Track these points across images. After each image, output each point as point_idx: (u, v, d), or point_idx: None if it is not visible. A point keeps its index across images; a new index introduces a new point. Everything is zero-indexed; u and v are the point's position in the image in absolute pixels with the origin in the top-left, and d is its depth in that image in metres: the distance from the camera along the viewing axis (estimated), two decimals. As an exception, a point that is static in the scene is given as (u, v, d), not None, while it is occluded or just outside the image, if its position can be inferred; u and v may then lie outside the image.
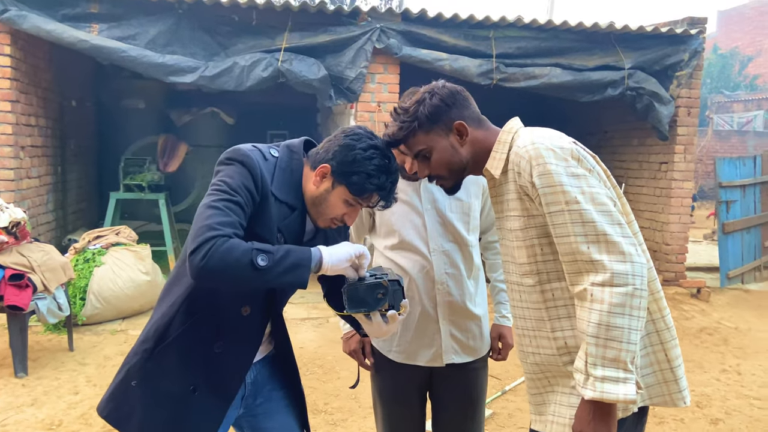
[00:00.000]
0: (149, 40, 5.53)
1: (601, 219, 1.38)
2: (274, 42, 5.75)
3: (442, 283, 2.12)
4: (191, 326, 1.59)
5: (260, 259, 1.40)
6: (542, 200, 1.44)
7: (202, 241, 1.38)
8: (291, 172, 1.61)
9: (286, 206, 1.59)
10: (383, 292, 1.56)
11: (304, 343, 4.98)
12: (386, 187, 1.58)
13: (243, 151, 1.54)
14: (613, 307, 1.33)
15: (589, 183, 1.42)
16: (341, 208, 1.59)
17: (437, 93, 1.61)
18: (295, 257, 1.46)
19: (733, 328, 5.71)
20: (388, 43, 5.90)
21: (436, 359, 2.16)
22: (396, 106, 1.67)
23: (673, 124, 6.67)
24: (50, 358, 4.47)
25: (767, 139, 17.99)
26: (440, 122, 1.60)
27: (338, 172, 1.56)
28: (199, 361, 1.60)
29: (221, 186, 1.49)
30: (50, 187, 6.48)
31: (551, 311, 1.53)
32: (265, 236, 1.53)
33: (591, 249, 1.37)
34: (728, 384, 4.40)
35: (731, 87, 21.30)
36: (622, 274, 1.34)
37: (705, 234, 11.14)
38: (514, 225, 1.56)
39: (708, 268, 8.00)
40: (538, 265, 1.53)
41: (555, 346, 1.54)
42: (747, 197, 7.47)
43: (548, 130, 1.55)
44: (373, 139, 1.59)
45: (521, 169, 1.48)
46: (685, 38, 6.47)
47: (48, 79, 6.39)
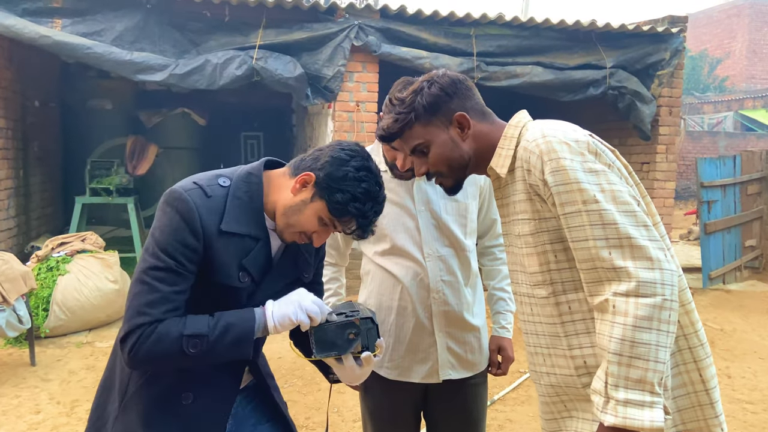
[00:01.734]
0: (116, 37, 5.27)
1: (624, 220, 1.22)
2: (248, 39, 5.53)
3: (438, 291, 1.94)
4: (150, 378, 1.41)
5: (191, 348, 1.31)
6: (556, 200, 1.28)
7: (129, 330, 1.31)
8: (249, 198, 1.43)
9: (248, 239, 1.41)
10: (355, 332, 1.40)
11: (282, 353, 4.76)
12: (368, 215, 1.41)
13: (177, 195, 1.36)
14: (639, 320, 1.17)
15: (609, 179, 1.26)
16: (313, 224, 1.42)
17: (437, 81, 1.45)
18: (235, 334, 1.34)
19: (718, 330, 5.65)
20: (367, 40, 5.72)
21: (431, 375, 1.97)
22: (391, 96, 1.51)
23: (654, 123, 6.62)
24: (10, 374, 4.19)
25: (737, 139, 18.27)
26: (439, 113, 1.44)
27: (322, 184, 1.39)
28: (168, 417, 1.41)
29: (151, 248, 1.35)
30: (11, 191, 6.15)
31: (567, 326, 1.36)
32: (225, 281, 1.38)
33: (613, 254, 1.21)
34: (719, 388, 4.31)
35: (701, 89, 21.62)
36: (649, 282, 1.18)
37: (681, 234, 11.19)
38: (523, 229, 1.40)
39: (688, 268, 7.98)
40: (552, 275, 1.36)
41: (573, 366, 1.36)
42: (727, 197, 7.46)
43: (560, 122, 1.39)
44: (369, 162, 1.42)
45: (531, 166, 1.33)
46: (666, 37, 6.42)
47: (8, 78, 6.07)
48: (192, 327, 1.32)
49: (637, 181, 1.38)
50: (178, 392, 1.42)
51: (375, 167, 1.43)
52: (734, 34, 24.20)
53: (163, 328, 1.30)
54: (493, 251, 2.16)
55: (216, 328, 1.33)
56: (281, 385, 4.14)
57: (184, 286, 1.35)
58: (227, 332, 1.34)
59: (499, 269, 2.15)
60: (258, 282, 1.45)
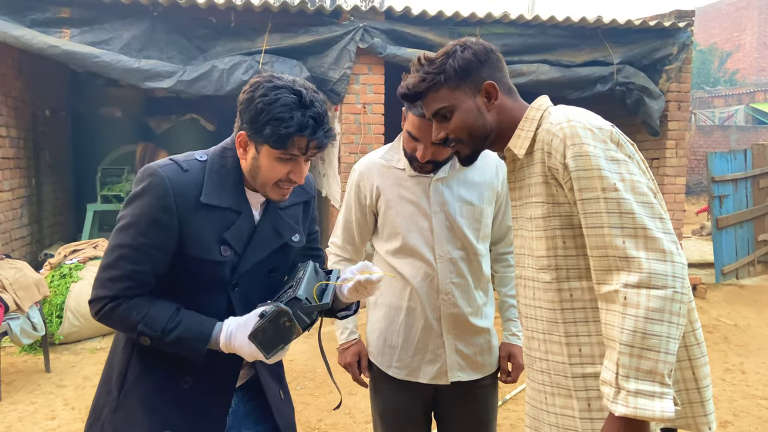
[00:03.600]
0: (123, 45, 5.30)
1: (642, 211, 1.23)
2: (254, 44, 5.55)
3: (448, 293, 1.93)
4: (152, 363, 1.42)
5: (141, 340, 1.37)
6: (575, 185, 1.28)
7: (93, 297, 1.39)
8: (227, 171, 1.42)
9: (229, 211, 1.41)
10: (288, 318, 1.36)
11: (295, 356, 4.78)
12: (307, 124, 1.33)
13: (150, 171, 1.36)
14: (651, 312, 1.17)
15: (629, 169, 1.27)
16: (278, 169, 1.38)
17: (470, 47, 1.43)
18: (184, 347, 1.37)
19: (732, 325, 5.60)
20: (372, 42, 5.73)
21: (440, 376, 1.97)
22: (420, 55, 1.48)
23: (663, 119, 6.56)
24: (25, 381, 4.23)
25: (749, 133, 18.09)
26: (469, 79, 1.42)
27: (253, 133, 1.36)
28: (169, 402, 1.42)
29: (122, 222, 1.37)
30: (24, 200, 6.22)
31: (567, 313, 1.37)
32: (204, 256, 1.36)
33: (627, 244, 1.21)
34: (734, 384, 4.28)
35: (711, 83, 21.44)
36: (660, 274, 1.18)
37: (693, 229, 11.09)
38: (535, 212, 1.40)
39: (701, 264, 7.91)
40: (558, 260, 1.37)
41: (567, 353, 1.37)
42: (739, 191, 7.40)
43: (583, 110, 1.39)
44: (273, 81, 1.36)
45: (552, 149, 1.32)
46: (673, 31, 6.37)
47: (18, 88, 6.13)
48: (148, 324, 1.35)
49: (652, 177, 1.37)
50: (177, 377, 1.43)
51: (285, 81, 1.37)
52: (744, 27, 23.98)
53: (125, 311, 1.36)
54: (506, 258, 2.15)
55: (168, 335, 1.35)
56: (293, 388, 4.15)
57: (149, 265, 1.36)
58: (177, 344, 1.37)
59: (511, 276, 2.14)
60: (241, 254, 1.44)
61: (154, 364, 1.43)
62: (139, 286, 1.36)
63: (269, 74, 1.40)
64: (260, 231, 1.48)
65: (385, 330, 2.02)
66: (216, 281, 1.41)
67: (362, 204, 2.03)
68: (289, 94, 1.33)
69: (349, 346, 2.07)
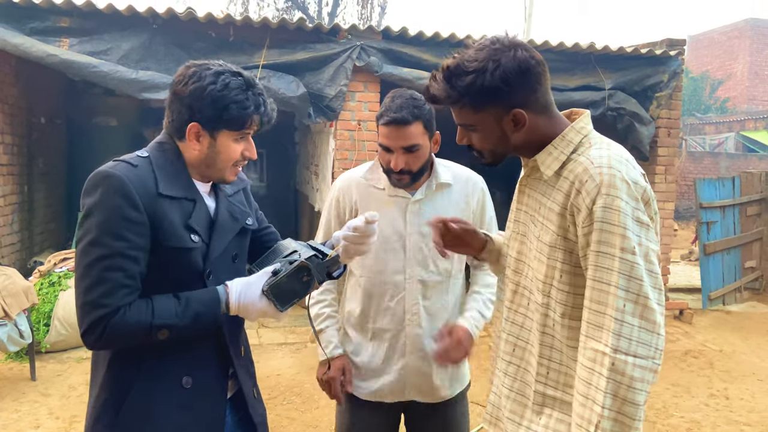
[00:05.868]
0: (122, 56, 5.34)
1: (648, 280, 1.23)
2: (252, 59, 5.60)
3: (414, 314, 1.96)
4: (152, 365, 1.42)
5: (160, 336, 1.35)
6: (594, 235, 1.25)
7: (91, 323, 1.31)
8: (171, 163, 1.44)
9: (185, 201, 1.43)
10: (307, 274, 1.43)
11: (281, 370, 4.77)
12: (259, 102, 1.42)
13: (104, 174, 1.34)
14: (634, 381, 1.21)
15: (648, 236, 1.26)
16: (235, 149, 1.45)
17: (501, 66, 1.27)
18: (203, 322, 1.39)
19: (717, 351, 5.65)
20: (369, 61, 5.80)
21: (401, 395, 2.00)
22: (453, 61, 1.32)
23: (653, 144, 6.66)
24: (10, 389, 4.21)
25: (739, 160, 18.29)
26: (497, 103, 1.31)
27: (207, 121, 1.39)
28: (173, 405, 1.43)
29: (92, 236, 1.31)
30: (16, 206, 6.21)
31: (546, 338, 1.39)
32: (178, 244, 1.38)
33: (627, 308, 1.22)
34: (717, 409, 4.31)
35: (702, 110, 21.70)
36: (647, 344, 1.22)
37: (682, 254, 11.18)
38: (544, 237, 1.37)
39: (689, 289, 7.98)
40: (552, 290, 1.36)
41: (535, 371, 1.41)
42: (727, 218, 7.48)
43: (624, 153, 1.33)
44: (211, 67, 1.40)
45: (584, 190, 1.27)
46: (664, 59, 6.49)
47: (15, 95, 6.15)
48: (161, 316, 1.33)
49: (658, 232, 1.35)
50: (178, 377, 1.44)
51: (218, 65, 1.41)
52: (735, 56, 24.35)
53: (131, 316, 1.31)
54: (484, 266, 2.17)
55: (185, 317, 1.35)
56: (280, 403, 4.15)
57: (136, 268, 1.34)
58: (196, 320, 1.37)
59: (486, 279, 2.12)
60: (208, 242, 1.46)
61: (151, 373, 1.42)
62: (134, 291, 1.35)
63: (200, 62, 1.42)
64: (220, 216, 1.51)
65: (353, 349, 2.06)
66: (191, 271, 1.43)
67: (341, 218, 2.05)
68: (233, 76, 1.39)
69: (333, 360, 2.08)
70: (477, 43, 1.34)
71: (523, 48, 1.31)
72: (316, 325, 2.08)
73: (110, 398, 1.41)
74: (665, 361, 5.25)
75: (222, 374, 1.52)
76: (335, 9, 19.11)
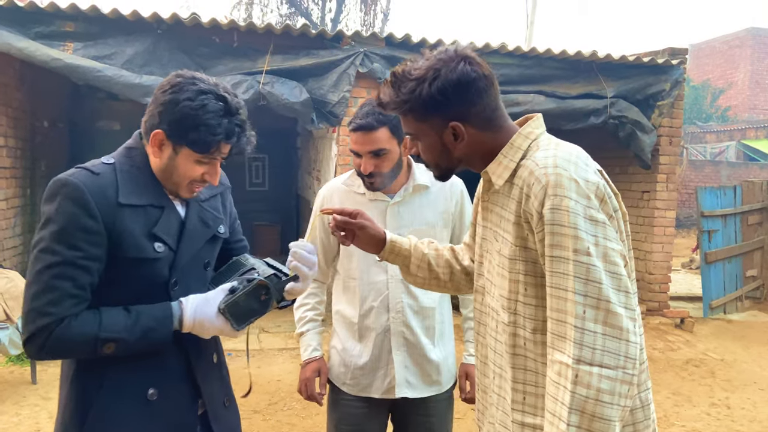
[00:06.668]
0: (126, 60, 5.36)
1: (608, 282, 1.15)
2: (255, 64, 5.63)
3: (398, 312, 2.03)
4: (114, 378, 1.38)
5: (105, 350, 1.29)
6: (546, 239, 1.19)
7: (33, 331, 1.26)
8: (138, 169, 1.40)
9: (151, 208, 1.38)
10: (265, 293, 1.40)
11: (282, 376, 4.77)
12: (233, 131, 1.34)
13: (62, 181, 1.30)
14: (601, 393, 1.12)
15: (606, 234, 1.17)
16: (195, 170, 1.39)
17: (440, 77, 1.25)
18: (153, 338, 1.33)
19: (719, 360, 5.64)
20: (372, 67, 5.82)
21: (389, 391, 2.04)
22: (402, 68, 1.31)
23: (654, 153, 6.68)
24: (11, 392, 4.21)
25: (740, 169, 18.32)
26: (435, 115, 1.29)
27: (173, 134, 1.34)
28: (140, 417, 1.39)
29: (44, 243, 1.28)
30: (18, 209, 6.22)
31: (518, 359, 1.30)
32: (138, 255, 1.34)
33: (587, 313, 1.14)
34: (719, 419, 4.30)
35: (703, 118, 21.73)
36: (613, 353, 1.13)
37: (683, 262, 11.18)
38: (503, 250, 1.31)
39: (690, 297, 7.98)
40: (517, 305, 1.29)
41: (511, 398, 1.32)
42: (728, 227, 7.49)
43: (574, 150, 1.27)
44: (197, 84, 1.34)
45: (532, 193, 1.22)
46: (666, 68, 6.52)
47: (19, 99, 6.17)
48: (108, 329, 1.29)
49: (628, 233, 1.30)
50: (143, 389, 1.40)
51: (207, 85, 1.36)
52: (737, 65, 24.41)
53: (77, 327, 1.27)
54: None
55: (134, 332, 1.30)
56: (280, 409, 4.15)
57: (87, 279, 1.30)
58: (145, 336, 1.32)
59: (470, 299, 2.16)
60: (175, 250, 1.42)
61: (114, 387, 1.38)
62: (82, 302, 1.30)
63: (191, 74, 1.38)
64: (190, 223, 1.47)
65: (341, 348, 2.12)
66: (155, 282, 1.39)
67: (325, 226, 2.12)
68: (216, 100, 1.34)
69: (309, 362, 2.14)
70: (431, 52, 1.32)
71: (468, 61, 1.27)
72: (298, 328, 2.19)
73: (74, 413, 1.38)
74: (666, 369, 5.25)
75: (191, 384, 1.48)
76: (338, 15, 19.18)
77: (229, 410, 1.61)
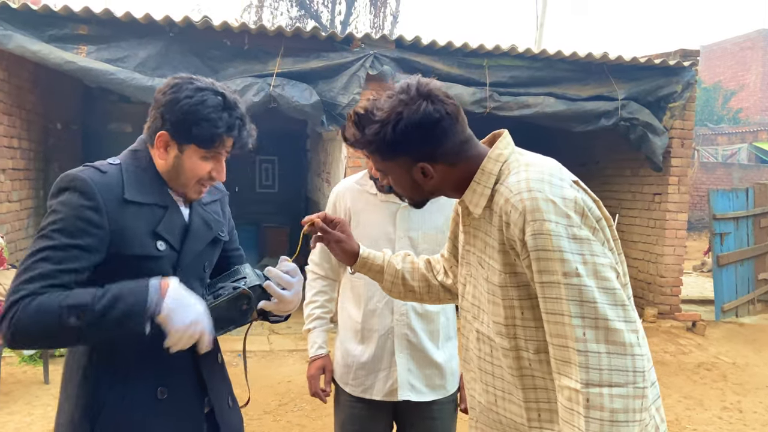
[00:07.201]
0: (138, 63, 5.41)
1: (603, 299, 1.14)
2: (266, 67, 5.66)
3: (402, 314, 2.03)
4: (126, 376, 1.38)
5: (71, 319, 1.21)
6: (534, 265, 1.18)
7: (6, 307, 1.24)
8: (143, 170, 1.43)
9: (155, 207, 1.41)
10: (247, 303, 1.40)
11: (292, 377, 4.78)
12: (234, 124, 1.39)
13: (71, 176, 1.34)
14: (615, 414, 1.11)
15: (592, 250, 1.16)
16: (201, 167, 1.42)
17: (403, 119, 1.24)
18: (124, 306, 1.24)
19: (731, 364, 5.60)
20: (382, 69, 5.83)
21: (391, 394, 2.05)
22: (364, 107, 1.31)
23: (666, 155, 6.64)
24: (24, 392, 4.25)
25: (752, 171, 18.17)
26: (401, 155, 1.29)
27: (177, 133, 1.38)
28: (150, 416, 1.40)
29: (44, 231, 1.29)
30: (31, 211, 6.28)
31: (526, 380, 1.29)
32: (141, 252, 1.36)
33: (587, 335, 1.13)
34: (731, 423, 4.27)
35: (715, 120, 21.59)
36: (621, 370, 1.12)
37: (694, 265, 11.11)
38: (492, 278, 1.30)
39: (701, 300, 7.93)
40: (516, 330, 1.28)
41: (526, 416, 1.30)
42: (740, 229, 7.43)
43: (545, 167, 1.26)
44: (194, 82, 1.39)
45: (512, 221, 1.20)
46: (678, 70, 6.49)
47: (32, 101, 6.24)
48: (73, 298, 1.24)
49: (615, 237, 1.28)
50: (153, 388, 1.41)
51: (204, 83, 1.39)
52: (748, 67, 24.22)
53: (43, 301, 1.23)
54: None
55: (102, 299, 1.24)
56: (290, 410, 4.16)
57: (74, 265, 1.28)
58: (115, 304, 1.24)
59: None
60: (179, 249, 1.43)
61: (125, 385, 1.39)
62: (57, 285, 1.26)
63: (188, 76, 1.41)
64: (194, 224, 1.49)
65: (345, 348, 2.14)
66: None
67: None
68: (214, 95, 1.37)
69: (314, 360, 2.17)
70: (391, 90, 1.31)
71: (430, 99, 1.25)
72: (305, 325, 2.21)
73: (85, 412, 1.37)
74: (677, 373, 5.22)
75: (198, 383, 1.50)
76: (348, 18, 19.21)
77: (233, 411, 1.62)
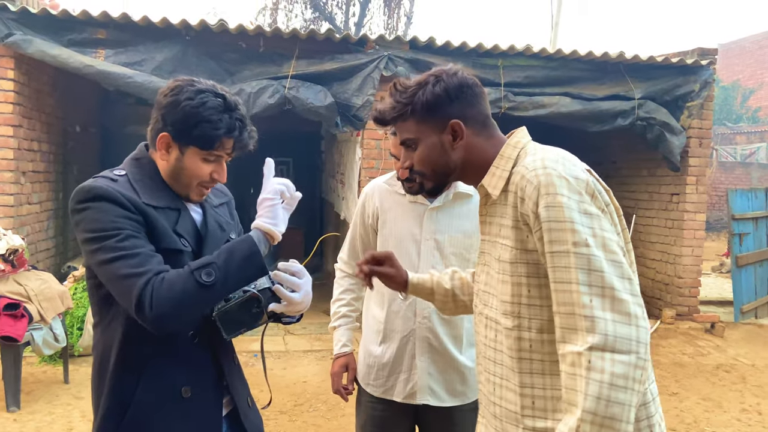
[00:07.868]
0: (156, 66, 5.47)
1: (611, 269, 1.18)
2: (281, 69, 5.69)
3: (425, 317, 2.03)
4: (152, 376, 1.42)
5: (204, 276, 1.30)
6: (545, 236, 1.23)
7: (138, 293, 1.27)
8: (149, 177, 1.45)
9: (168, 210, 1.44)
10: (257, 306, 1.43)
11: (307, 378, 4.81)
12: (235, 126, 1.41)
13: (89, 187, 1.36)
14: (616, 378, 1.12)
15: (601, 225, 1.22)
16: (203, 169, 1.44)
17: (443, 80, 1.38)
18: (241, 252, 1.36)
19: (750, 365, 5.53)
20: (396, 70, 5.84)
21: (411, 396, 2.04)
22: (396, 81, 1.44)
23: (684, 154, 6.58)
24: (44, 391, 4.31)
25: (771, 171, 17.91)
26: (436, 115, 1.38)
27: (178, 134, 1.40)
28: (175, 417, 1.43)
29: (96, 235, 1.31)
30: (51, 213, 6.38)
31: (524, 363, 1.32)
32: (172, 246, 1.40)
33: (594, 302, 1.16)
34: (749, 425, 4.22)
35: (733, 119, 21.31)
36: (626, 338, 1.14)
37: (713, 266, 10.98)
38: (503, 255, 1.35)
39: (720, 301, 7.83)
40: (521, 308, 1.31)
41: (519, 404, 1.32)
42: (759, 230, 7.33)
43: (561, 152, 1.34)
44: (195, 85, 1.41)
45: (526, 195, 1.27)
46: (696, 69, 6.42)
47: (52, 104, 6.33)
48: (195, 263, 1.33)
49: (624, 226, 1.33)
50: (178, 387, 1.43)
51: (205, 85, 1.42)
52: (767, 65, 23.89)
53: (170, 275, 1.30)
54: None
55: (220, 255, 1.35)
56: (306, 410, 4.18)
57: (149, 246, 1.34)
58: (232, 254, 1.35)
59: None
60: (197, 251, 1.47)
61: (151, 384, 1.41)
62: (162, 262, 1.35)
63: (189, 78, 1.44)
64: (210, 225, 1.53)
65: (367, 348, 2.14)
66: None
67: (366, 223, 2.16)
68: (214, 97, 1.40)
69: (338, 357, 2.17)
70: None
71: (462, 72, 1.41)
72: (331, 323, 2.23)
73: (111, 410, 1.41)
74: (696, 375, 5.17)
75: (218, 383, 1.52)
76: (362, 19, 19.24)
77: (253, 410, 1.65)
